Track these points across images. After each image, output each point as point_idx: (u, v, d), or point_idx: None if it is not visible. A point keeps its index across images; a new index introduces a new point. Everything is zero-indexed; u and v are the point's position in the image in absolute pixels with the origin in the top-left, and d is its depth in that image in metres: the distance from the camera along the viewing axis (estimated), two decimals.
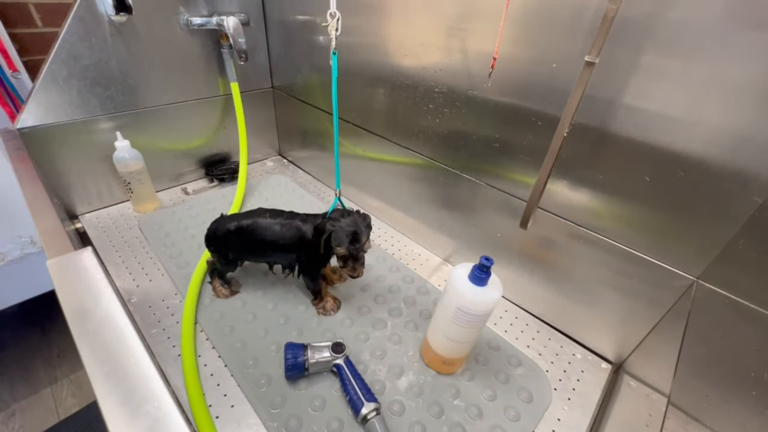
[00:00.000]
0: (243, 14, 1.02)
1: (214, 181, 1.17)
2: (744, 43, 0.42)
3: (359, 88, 0.90)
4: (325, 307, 0.75)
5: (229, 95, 1.09)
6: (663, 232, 0.56)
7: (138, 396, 0.34)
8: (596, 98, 0.54)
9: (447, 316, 0.57)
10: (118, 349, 0.38)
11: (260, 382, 0.62)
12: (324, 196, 1.16)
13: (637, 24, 0.48)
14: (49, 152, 0.87)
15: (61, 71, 0.81)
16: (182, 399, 0.59)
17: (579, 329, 0.74)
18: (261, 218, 0.70)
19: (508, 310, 0.81)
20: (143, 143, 0.97)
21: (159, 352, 0.66)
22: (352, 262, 0.65)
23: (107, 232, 0.93)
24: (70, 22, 0.78)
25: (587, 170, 0.60)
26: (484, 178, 0.75)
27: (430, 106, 0.77)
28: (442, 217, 0.88)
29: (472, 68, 0.67)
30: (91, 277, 0.45)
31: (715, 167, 0.48)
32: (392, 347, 0.70)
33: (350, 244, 0.63)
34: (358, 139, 0.98)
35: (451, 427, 0.59)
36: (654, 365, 0.66)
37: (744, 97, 0.44)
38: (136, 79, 0.92)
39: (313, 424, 0.57)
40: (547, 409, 0.63)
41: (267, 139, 1.32)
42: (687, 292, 0.57)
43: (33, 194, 0.64)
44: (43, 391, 1.32)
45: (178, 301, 0.76)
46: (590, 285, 0.68)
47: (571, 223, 0.65)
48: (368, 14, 0.79)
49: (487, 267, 0.52)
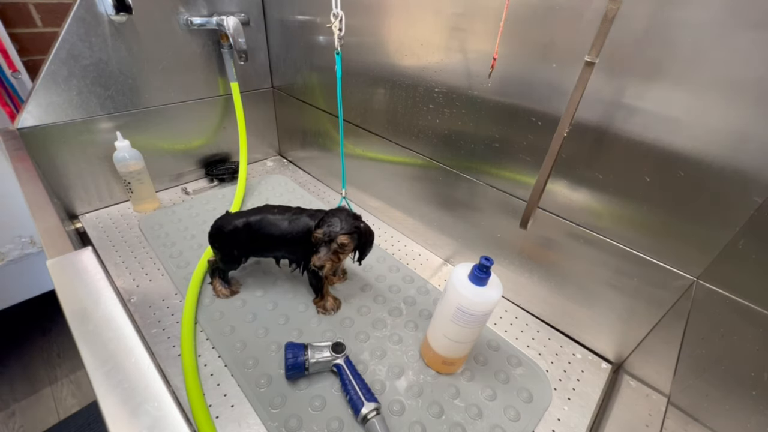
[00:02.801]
0: (243, 14, 1.03)
1: (214, 181, 1.17)
2: (744, 43, 0.42)
3: (359, 88, 0.90)
4: (325, 306, 0.75)
5: (229, 95, 1.09)
6: (663, 232, 0.56)
7: (138, 396, 0.34)
8: (596, 98, 0.54)
9: (447, 316, 0.57)
10: (118, 349, 0.38)
11: (260, 382, 0.62)
12: (324, 196, 1.16)
13: (637, 24, 0.48)
14: (49, 152, 0.87)
15: (61, 71, 0.81)
16: (182, 399, 0.59)
17: (579, 329, 0.74)
18: (269, 214, 0.70)
19: (508, 310, 0.81)
20: (143, 143, 0.97)
21: (159, 352, 0.66)
22: (323, 250, 0.64)
23: (107, 232, 0.93)
24: (70, 22, 0.78)
25: (587, 170, 0.60)
26: (484, 178, 0.75)
27: (430, 106, 0.77)
28: (442, 217, 0.88)
29: (472, 68, 0.67)
30: (91, 277, 0.45)
31: (715, 167, 0.48)
32: (392, 347, 0.70)
33: (317, 227, 0.64)
34: (358, 139, 0.98)
35: (451, 427, 0.59)
36: (654, 365, 0.66)
37: (744, 97, 0.44)
38: (136, 79, 0.92)
39: (313, 424, 0.57)
40: (547, 409, 0.63)
41: (267, 139, 1.32)
42: (687, 292, 0.57)
43: (33, 194, 0.64)
44: (43, 391, 1.32)
45: (178, 301, 0.76)
46: (590, 285, 0.68)
47: (571, 223, 0.65)
48: (368, 14, 0.79)
49: (487, 267, 0.52)
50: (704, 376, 0.58)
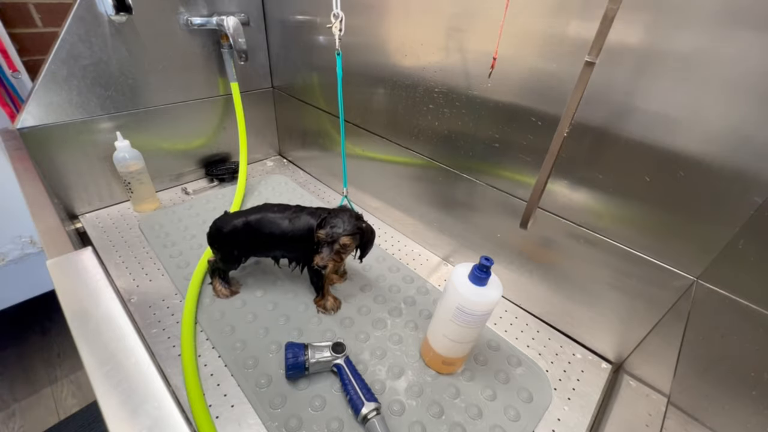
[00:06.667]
0: (243, 14, 1.02)
1: (214, 181, 1.17)
2: (744, 42, 0.42)
3: (359, 88, 0.90)
4: (325, 305, 0.75)
5: (229, 95, 1.09)
6: (663, 232, 0.56)
7: (138, 396, 0.34)
8: (596, 98, 0.54)
9: (447, 316, 0.57)
10: (118, 349, 0.38)
11: (260, 382, 0.62)
12: (324, 196, 1.16)
13: (637, 24, 0.48)
14: (49, 152, 0.87)
15: (61, 71, 0.81)
16: (182, 399, 0.59)
17: (579, 329, 0.74)
18: (269, 213, 0.70)
19: (508, 310, 0.81)
20: (143, 143, 0.97)
21: (159, 352, 0.66)
22: (325, 250, 0.64)
23: (107, 232, 0.93)
24: (70, 22, 0.78)
25: (587, 170, 0.60)
26: (484, 178, 0.75)
27: (430, 106, 0.77)
28: (442, 217, 0.88)
29: (472, 68, 0.67)
30: (91, 277, 0.45)
31: (715, 167, 0.48)
32: (392, 347, 0.70)
33: (320, 228, 0.64)
34: (358, 139, 0.98)
35: (451, 426, 0.59)
36: (654, 365, 0.66)
37: (744, 96, 0.44)
38: (136, 79, 0.92)
39: (313, 424, 0.57)
40: (547, 409, 0.63)
41: (267, 139, 1.32)
42: (687, 292, 0.57)
43: (33, 194, 0.64)
44: (43, 391, 1.32)
45: (178, 301, 0.76)
46: (590, 285, 0.68)
47: (571, 223, 0.65)
48: (368, 14, 0.79)
49: (487, 267, 0.52)
50: (704, 376, 0.58)
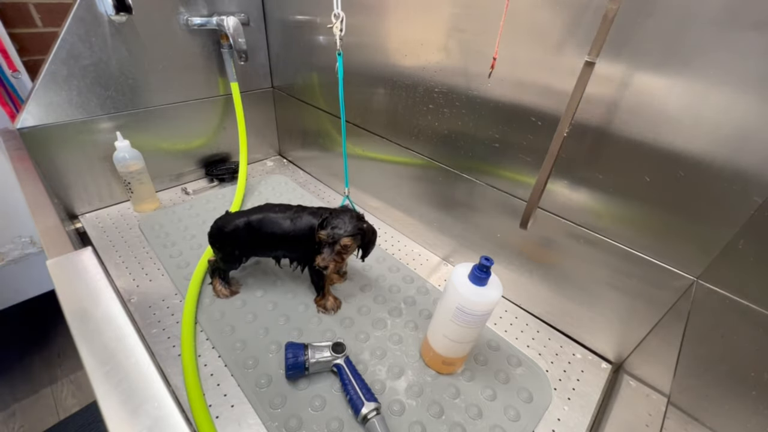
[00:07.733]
0: (243, 14, 1.02)
1: (214, 181, 1.17)
2: (744, 42, 0.42)
3: (359, 88, 0.90)
4: (326, 305, 0.75)
5: (229, 95, 1.09)
6: (663, 232, 0.56)
7: (138, 396, 0.34)
8: (596, 98, 0.54)
9: (447, 316, 0.57)
10: (118, 349, 0.38)
11: (260, 382, 0.62)
12: (324, 196, 1.16)
13: (637, 23, 0.48)
14: (49, 152, 0.87)
15: (61, 71, 0.81)
16: (182, 399, 0.59)
17: (579, 329, 0.74)
18: (270, 213, 0.70)
19: (508, 310, 0.81)
20: (143, 143, 0.97)
21: (159, 352, 0.66)
22: (326, 251, 0.64)
23: (107, 232, 0.93)
24: (70, 22, 0.78)
25: (587, 170, 0.60)
26: (484, 178, 0.75)
27: (429, 106, 0.77)
28: (442, 217, 0.88)
29: (472, 68, 0.67)
30: (91, 277, 0.45)
31: (715, 167, 0.48)
32: (392, 347, 0.70)
33: (322, 228, 0.64)
34: (358, 139, 0.98)
35: (451, 426, 0.59)
36: (654, 365, 0.66)
37: (744, 96, 0.44)
38: (136, 79, 0.92)
39: (313, 424, 0.57)
40: (547, 409, 0.63)
41: (267, 139, 1.32)
42: (687, 292, 0.57)
43: (33, 194, 0.64)
44: (43, 391, 1.32)
45: (178, 301, 0.76)
46: (590, 285, 0.68)
47: (571, 223, 0.65)
48: (368, 14, 0.79)
49: (487, 267, 0.52)
50: (704, 376, 0.58)
